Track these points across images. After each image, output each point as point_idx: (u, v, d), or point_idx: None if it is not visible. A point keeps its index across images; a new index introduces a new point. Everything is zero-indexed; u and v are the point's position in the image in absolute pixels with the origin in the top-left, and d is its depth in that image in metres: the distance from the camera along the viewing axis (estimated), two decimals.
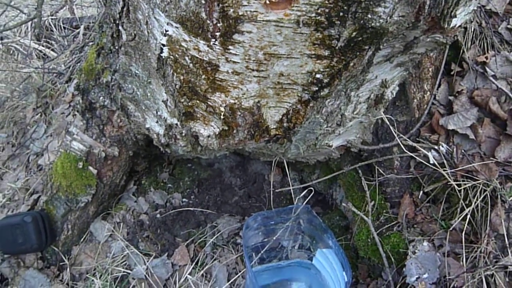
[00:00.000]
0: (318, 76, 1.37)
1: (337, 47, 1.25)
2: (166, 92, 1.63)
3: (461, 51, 2.07)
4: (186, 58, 1.36)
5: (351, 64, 1.32)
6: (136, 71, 1.79)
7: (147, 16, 1.40)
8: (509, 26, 2.03)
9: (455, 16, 1.22)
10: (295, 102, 1.50)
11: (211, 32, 1.22)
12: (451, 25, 1.27)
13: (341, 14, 1.14)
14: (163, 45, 1.40)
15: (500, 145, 1.91)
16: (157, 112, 1.85)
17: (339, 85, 1.43)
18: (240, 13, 1.14)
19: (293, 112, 1.56)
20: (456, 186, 1.83)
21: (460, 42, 2.07)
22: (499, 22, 2.07)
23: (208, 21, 1.18)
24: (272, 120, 1.60)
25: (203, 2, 1.13)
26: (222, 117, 1.56)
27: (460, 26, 1.30)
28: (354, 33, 1.20)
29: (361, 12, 1.13)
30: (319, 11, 1.13)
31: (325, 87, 1.41)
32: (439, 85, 2.11)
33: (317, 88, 1.42)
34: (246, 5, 1.12)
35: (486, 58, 2.00)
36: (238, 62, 1.30)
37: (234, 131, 1.64)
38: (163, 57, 1.45)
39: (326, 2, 1.11)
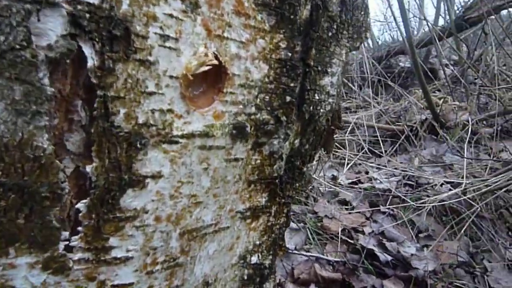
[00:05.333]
0: (254, 259, 0.70)
1: (277, 179, 0.69)
2: None
3: None
4: None
5: (286, 211, 0.76)
6: None
7: None
8: None
9: None
10: None
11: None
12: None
13: (287, 98, 0.64)
14: None
15: None
16: None
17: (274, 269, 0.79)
18: (140, 121, 0.45)
19: None
20: None
21: None
22: None
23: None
24: None
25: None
26: None
27: None
28: (298, 139, 0.70)
29: (310, 89, 0.68)
30: (258, 99, 0.60)
31: (267, 277, 0.73)
32: None
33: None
34: (150, 94, 0.45)
35: None
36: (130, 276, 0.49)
37: None
38: None
39: (266, 78, 0.61)
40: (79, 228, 0.43)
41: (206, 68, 0.49)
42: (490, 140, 2.95)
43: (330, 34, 0.69)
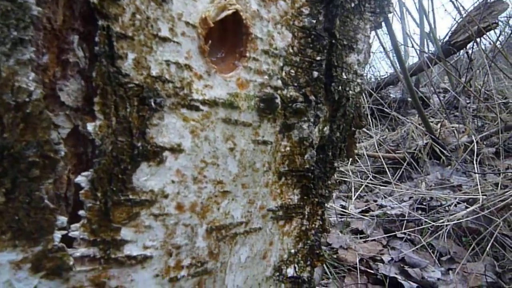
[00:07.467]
0: (290, 272, 0.59)
1: (310, 172, 0.59)
2: None
3: None
4: None
5: (321, 212, 0.65)
6: None
7: None
8: None
9: None
10: None
11: None
12: None
13: (314, 74, 0.56)
14: None
15: None
16: None
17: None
18: (154, 72, 0.35)
19: None
20: None
21: None
22: None
23: None
24: None
25: None
26: None
27: None
28: (327, 126, 0.61)
29: (337, 66, 0.59)
30: (283, 72, 0.51)
31: None
32: None
33: None
34: (163, 40, 0.36)
35: None
36: None
37: None
38: None
39: (290, 48, 0.52)
40: (81, 212, 0.32)
41: (229, 12, 0.40)
42: (493, 160, 2.89)
43: (353, 4, 0.61)
